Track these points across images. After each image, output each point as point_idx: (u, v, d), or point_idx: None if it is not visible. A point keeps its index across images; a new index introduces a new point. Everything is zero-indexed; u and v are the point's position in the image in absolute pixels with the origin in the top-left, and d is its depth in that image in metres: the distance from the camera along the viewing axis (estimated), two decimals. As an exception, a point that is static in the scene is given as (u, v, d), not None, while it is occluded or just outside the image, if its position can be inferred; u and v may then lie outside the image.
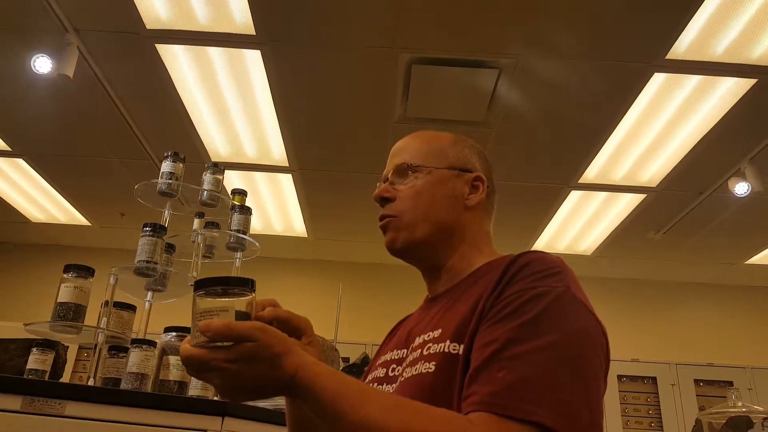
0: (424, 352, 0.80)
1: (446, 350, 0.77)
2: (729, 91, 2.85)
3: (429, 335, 0.83)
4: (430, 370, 0.77)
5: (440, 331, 0.81)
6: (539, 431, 0.63)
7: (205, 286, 0.66)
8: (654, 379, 4.43)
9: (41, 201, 4.53)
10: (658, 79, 2.82)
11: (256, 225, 4.63)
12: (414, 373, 0.79)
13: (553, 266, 0.78)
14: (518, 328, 0.70)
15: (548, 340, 0.69)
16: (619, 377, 4.42)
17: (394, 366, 0.88)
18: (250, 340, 0.64)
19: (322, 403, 0.66)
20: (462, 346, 0.76)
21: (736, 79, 2.76)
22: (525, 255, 0.81)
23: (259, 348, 0.64)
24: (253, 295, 0.68)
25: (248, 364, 0.64)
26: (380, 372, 0.91)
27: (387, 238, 0.95)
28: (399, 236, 0.93)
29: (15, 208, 4.64)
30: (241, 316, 0.66)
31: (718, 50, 2.61)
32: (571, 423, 0.64)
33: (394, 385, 0.84)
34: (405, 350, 0.88)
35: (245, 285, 0.67)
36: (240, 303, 0.67)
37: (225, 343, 0.63)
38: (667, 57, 2.65)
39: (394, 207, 0.94)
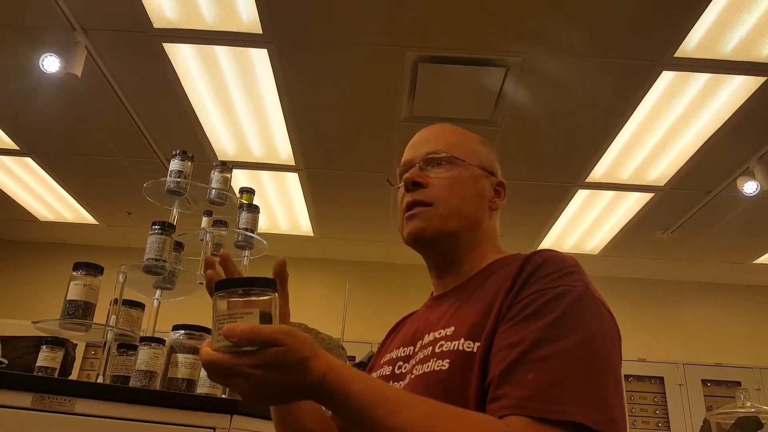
0: (437, 350, 0.80)
1: (460, 348, 0.77)
2: (738, 89, 2.83)
3: (441, 333, 0.82)
4: (443, 368, 0.77)
5: (453, 329, 0.81)
6: (575, 431, 0.64)
7: (226, 287, 0.64)
8: (661, 378, 4.42)
9: (49, 200, 4.55)
10: (666, 77, 2.80)
11: (262, 224, 4.63)
12: (426, 370, 0.79)
13: (570, 265, 0.78)
14: (544, 329, 0.70)
15: (574, 340, 0.69)
16: (626, 377, 4.40)
17: (401, 363, 0.87)
18: (276, 345, 0.61)
19: (355, 408, 0.65)
20: (477, 344, 0.75)
21: (745, 77, 2.74)
22: (539, 253, 0.81)
23: (286, 353, 0.62)
24: (275, 295, 0.65)
25: (275, 369, 0.62)
26: (386, 370, 0.90)
27: (414, 226, 0.91)
28: (431, 225, 0.90)
29: (23, 207, 4.67)
30: (264, 317, 0.63)
31: (728, 48, 2.59)
32: (605, 419, 0.65)
33: (402, 382, 0.84)
34: (412, 347, 0.88)
35: (267, 285, 0.65)
36: (263, 304, 0.64)
37: (249, 348, 0.61)
38: (675, 55, 2.64)
39: (428, 194, 0.91)
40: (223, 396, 1.49)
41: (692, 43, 2.58)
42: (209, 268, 0.80)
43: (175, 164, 1.75)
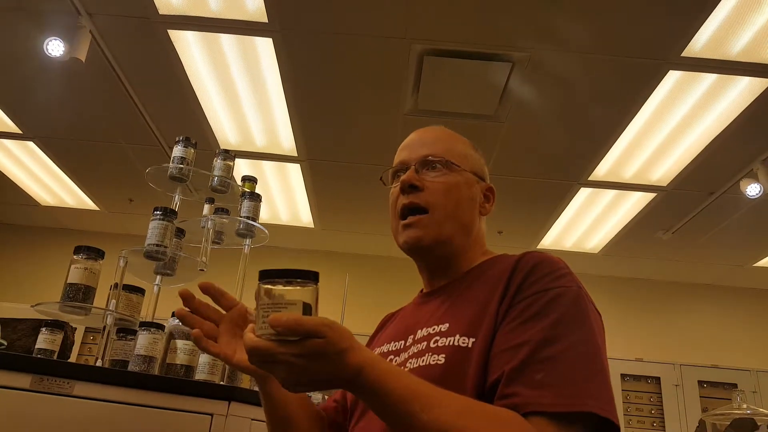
0: (431, 345, 0.84)
1: (456, 344, 0.81)
2: (744, 90, 2.82)
3: (435, 329, 0.86)
4: (439, 362, 0.80)
5: (448, 325, 0.85)
6: (584, 423, 0.70)
7: (271, 276, 0.67)
8: (658, 379, 4.42)
9: (51, 184, 4.55)
10: (672, 77, 2.79)
11: (263, 214, 4.60)
12: (421, 364, 0.82)
13: (561, 267, 0.83)
14: (548, 329, 0.75)
15: (576, 339, 0.75)
16: (623, 376, 4.41)
17: (393, 357, 0.91)
18: (318, 337, 0.64)
19: (391, 401, 0.67)
20: (472, 340, 0.80)
21: (751, 78, 2.73)
22: (530, 255, 0.85)
23: (326, 345, 0.64)
24: (317, 286, 0.68)
25: (314, 359, 0.65)
26: None
27: (411, 235, 0.93)
28: (428, 234, 0.93)
29: (24, 191, 4.66)
30: (306, 308, 0.66)
31: (735, 49, 2.58)
32: (611, 408, 0.71)
33: None
34: (403, 342, 0.91)
35: (310, 277, 0.68)
36: (305, 294, 0.67)
37: (292, 338, 0.64)
38: (682, 54, 2.63)
39: (424, 197, 0.94)
40: (221, 383, 1.49)
41: (700, 43, 2.57)
42: (186, 303, 0.87)
43: (178, 151, 1.74)
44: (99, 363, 1.48)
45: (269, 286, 0.67)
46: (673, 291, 5.20)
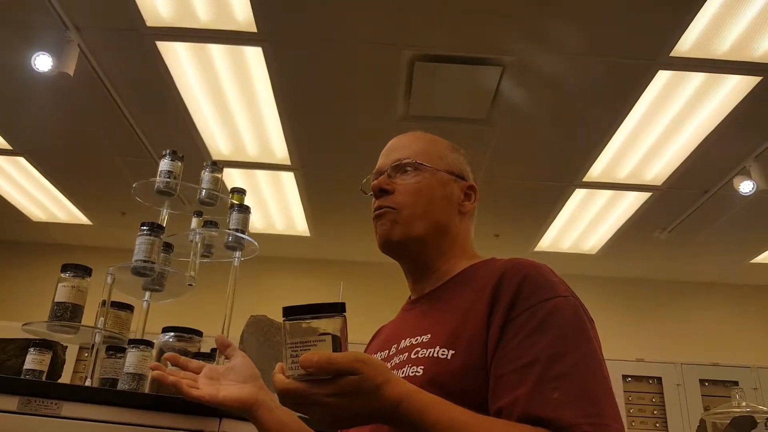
0: (412, 356, 0.83)
1: (435, 355, 0.80)
2: (734, 88, 2.82)
3: (417, 339, 0.85)
4: (418, 374, 0.79)
5: (429, 336, 0.84)
6: None
7: (296, 312, 0.66)
8: (659, 379, 4.40)
9: (42, 200, 4.52)
10: (662, 77, 2.79)
11: (258, 224, 4.61)
12: (401, 376, 0.81)
13: (552, 275, 0.82)
14: (552, 345, 0.73)
15: (583, 351, 0.74)
16: (624, 377, 4.39)
17: None
18: (352, 374, 0.63)
19: None
20: (452, 352, 0.78)
21: (741, 76, 2.73)
22: (517, 265, 0.83)
23: (361, 381, 0.63)
24: (344, 317, 0.67)
25: (350, 397, 0.63)
26: None
27: (382, 230, 0.95)
28: (396, 229, 0.93)
29: (15, 207, 4.64)
30: (336, 342, 0.65)
31: (723, 47, 2.58)
32: (621, 424, 0.71)
33: None
34: (387, 351, 0.91)
35: (335, 309, 0.67)
36: (333, 327, 0.66)
37: (325, 376, 0.63)
38: (671, 54, 2.63)
39: (393, 199, 0.95)
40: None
41: (688, 43, 2.57)
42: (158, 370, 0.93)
43: (164, 164, 1.73)
44: (88, 382, 1.46)
45: (295, 323, 0.66)
46: (671, 290, 5.19)
